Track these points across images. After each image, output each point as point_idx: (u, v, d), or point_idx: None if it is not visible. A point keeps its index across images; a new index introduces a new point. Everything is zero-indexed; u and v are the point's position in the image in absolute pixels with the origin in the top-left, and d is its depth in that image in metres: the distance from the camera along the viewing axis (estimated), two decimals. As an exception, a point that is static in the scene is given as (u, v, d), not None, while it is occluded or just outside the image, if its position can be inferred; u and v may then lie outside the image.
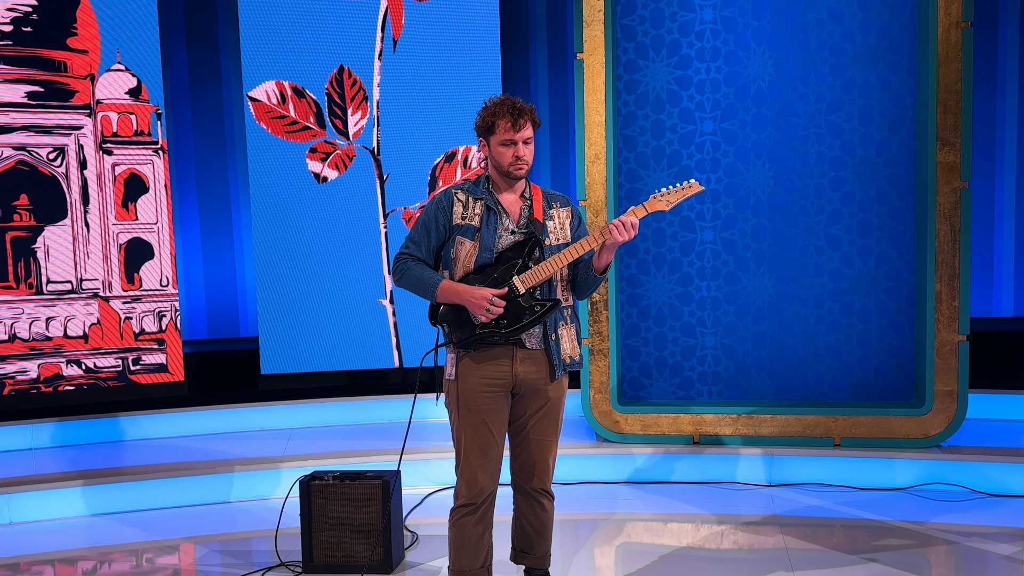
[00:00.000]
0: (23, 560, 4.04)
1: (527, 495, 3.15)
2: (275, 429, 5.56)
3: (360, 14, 5.60)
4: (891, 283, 4.93)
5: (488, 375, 3.00)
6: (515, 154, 2.98)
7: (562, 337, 3.05)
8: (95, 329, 5.39)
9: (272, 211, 5.60)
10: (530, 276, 2.94)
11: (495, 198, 3.04)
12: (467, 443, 3.03)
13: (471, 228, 3.01)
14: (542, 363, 3.03)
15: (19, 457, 5.06)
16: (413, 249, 3.06)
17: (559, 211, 3.10)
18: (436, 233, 3.05)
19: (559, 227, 3.08)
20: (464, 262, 3.00)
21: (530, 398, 3.05)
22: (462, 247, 3.01)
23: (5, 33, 5.16)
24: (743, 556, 3.88)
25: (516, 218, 3.04)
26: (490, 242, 2.99)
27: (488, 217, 3.01)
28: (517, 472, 3.15)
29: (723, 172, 5.03)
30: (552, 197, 3.12)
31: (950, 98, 4.57)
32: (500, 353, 2.99)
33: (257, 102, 5.55)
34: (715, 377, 5.13)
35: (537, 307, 2.94)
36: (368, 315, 5.70)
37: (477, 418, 3.01)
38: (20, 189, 5.24)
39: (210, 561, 3.99)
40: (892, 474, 4.63)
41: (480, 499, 3.04)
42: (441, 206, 3.05)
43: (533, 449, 3.09)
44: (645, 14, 5.01)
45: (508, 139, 2.97)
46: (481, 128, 3.03)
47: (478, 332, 2.96)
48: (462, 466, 3.06)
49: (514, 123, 2.97)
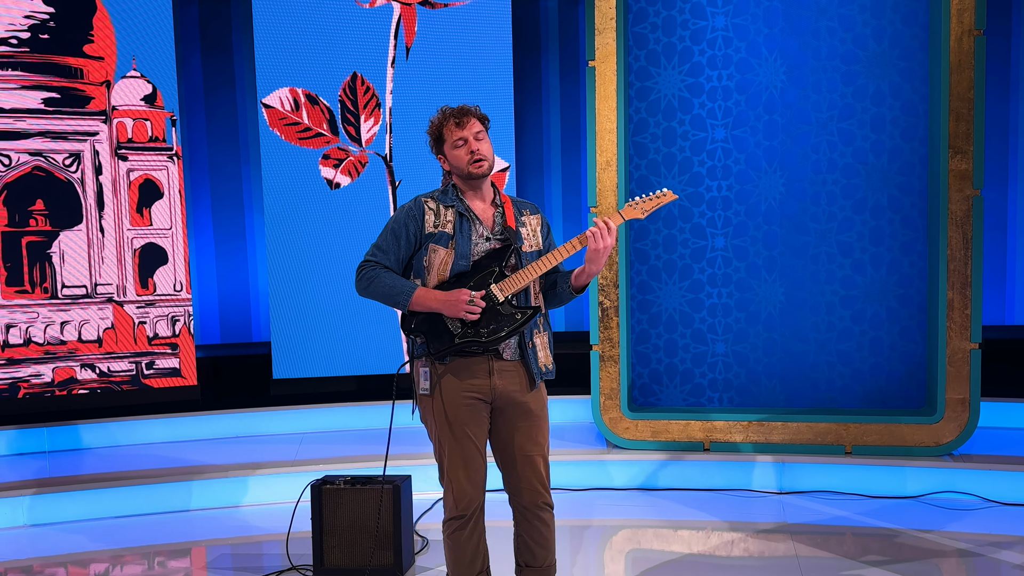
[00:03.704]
0: (36, 562, 4.07)
1: (526, 512, 3.06)
2: (287, 434, 5.58)
3: (373, 22, 5.64)
4: (903, 291, 4.92)
5: (467, 387, 2.92)
6: (469, 149, 2.92)
7: (537, 346, 3.00)
8: (109, 333, 5.43)
9: (285, 217, 5.63)
10: (508, 284, 2.89)
11: (466, 204, 2.98)
12: (450, 456, 2.96)
13: (445, 235, 2.93)
14: (520, 374, 2.97)
15: (33, 460, 5.10)
16: (381, 257, 2.96)
17: (530, 218, 3.05)
18: (406, 241, 2.95)
19: (532, 234, 3.03)
20: (439, 270, 2.93)
21: (511, 413, 2.98)
22: (436, 255, 2.93)
23: (23, 40, 5.21)
24: (753, 564, 3.88)
25: (490, 225, 2.99)
26: (466, 249, 2.93)
27: (461, 224, 2.95)
28: (513, 491, 3.06)
29: (734, 179, 5.04)
30: (522, 205, 3.08)
31: (963, 106, 4.56)
32: (478, 365, 2.92)
33: (271, 109, 5.59)
34: (726, 384, 5.13)
35: (518, 315, 2.89)
36: (379, 320, 5.72)
37: (459, 431, 2.93)
38: (36, 194, 5.29)
39: (221, 564, 4.01)
40: (903, 482, 4.61)
41: (469, 510, 2.98)
42: (412, 214, 2.96)
43: (527, 467, 3.00)
44: (657, 22, 5.02)
45: (459, 138, 2.93)
46: (433, 144, 3.00)
47: (457, 342, 2.88)
48: (447, 479, 2.98)
49: (458, 122, 2.93)
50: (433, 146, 3.02)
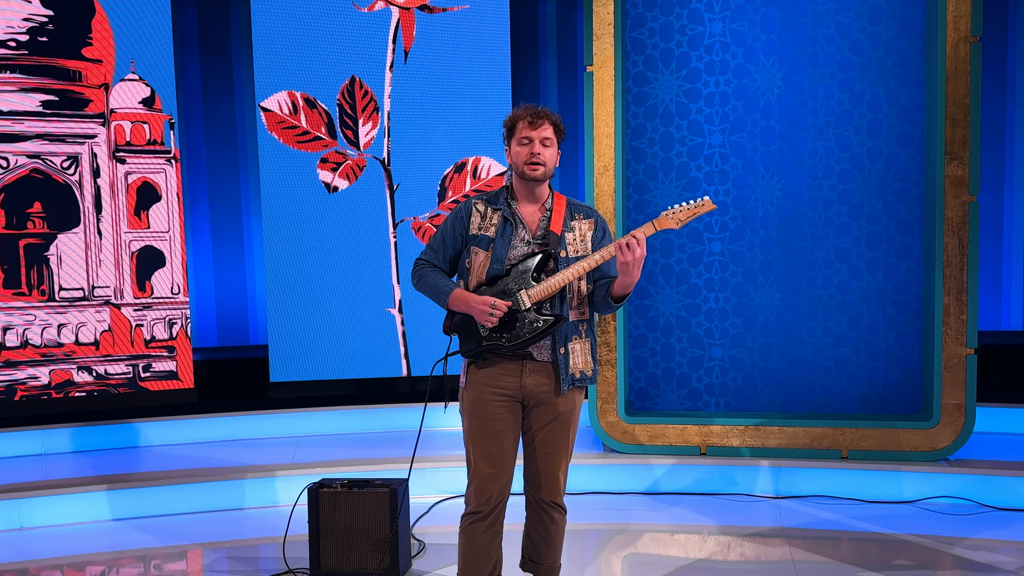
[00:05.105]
0: (32, 565, 4.06)
1: (536, 506, 3.17)
2: (284, 437, 5.59)
3: (372, 26, 5.65)
4: (899, 296, 4.94)
5: (497, 385, 3.01)
6: (531, 151, 2.96)
7: (573, 351, 3.02)
8: (106, 336, 5.43)
9: (283, 220, 5.64)
10: (537, 291, 2.93)
11: (512, 209, 3.03)
12: (475, 451, 3.06)
13: (486, 239, 3.01)
14: (551, 375, 3.02)
15: (30, 463, 5.10)
16: (431, 256, 3.10)
17: (581, 223, 3.06)
18: (452, 242, 3.08)
19: (579, 239, 3.04)
20: (477, 273, 3.01)
21: (539, 410, 3.05)
22: (476, 257, 3.02)
23: (21, 43, 5.22)
24: (749, 568, 3.88)
25: (533, 229, 3.03)
26: (502, 253, 2.98)
27: (504, 228, 3.01)
28: (527, 483, 3.17)
29: (731, 184, 5.05)
30: (576, 208, 3.09)
31: (959, 112, 4.58)
32: (511, 365, 3.00)
33: (269, 112, 5.60)
34: (723, 388, 5.14)
35: (539, 323, 2.94)
36: (377, 324, 5.73)
37: (486, 427, 3.02)
38: (34, 197, 5.29)
39: (218, 567, 4.01)
40: (899, 487, 4.62)
41: (489, 507, 3.06)
42: (459, 216, 3.07)
43: (540, 461, 3.10)
44: (655, 27, 5.04)
45: (526, 136, 2.98)
46: (505, 134, 3.06)
47: (484, 344, 2.98)
48: (472, 473, 3.09)
49: (532, 121, 2.98)
50: (505, 137, 3.08)
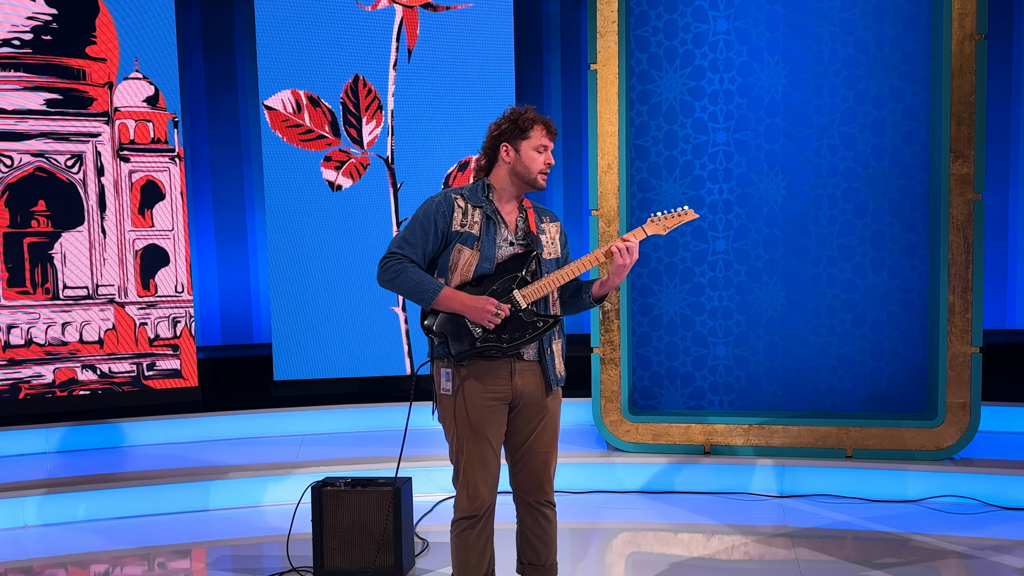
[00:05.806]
0: (36, 563, 4.07)
1: (530, 507, 3.11)
2: (287, 435, 5.59)
3: (375, 24, 5.65)
4: (904, 295, 4.93)
5: (489, 391, 2.95)
6: (547, 161, 2.94)
7: (556, 352, 3.03)
8: (110, 334, 5.44)
9: (286, 219, 5.64)
10: (531, 291, 2.91)
11: (495, 207, 2.98)
12: (468, 457, 2.97)
13: (471, 236, 2.93)
14: (537, 374, 2.99)
15: (34, 461, 5.11)
16: (408, 250, 2.91)
17: (549, 226, 3.07)
18: (434, 237, 2.92)
19: (551, 241, 3.05)
20: (463, 271, 2.92)
21: (529, 412, 3.01)
22: (461, 255, 2.92)
23: (25, 41, 5.22)
24: (753, 567, 3.88)
25: (513, 229, 3.00)
26: (490, 252, 2.93)
27: (488, 226, 2.95)
28: (519, 486, 3.10)
29: (736, 182, 5.04)
30: (542, 212, 3.09)
31: (964, 110, 4.57)
32: (499, 366, 2.94)
33: (273, 111, 5.60)
34: (727, 387, 5.13)
35: (540, 323, 2.92)
36: (380, 322, 5.73)
37: (480, 433, 2.95)
38: (38, 195, 5.29)
39: (222, 566, 4.02)
40: (904, 486, 4.61)
41: (482, 511, 3.01)
42: (441, 210, 2.93)
43: (536, 463, 3.06)
44: (659, 25, 5.03)
45: (543, 144, 2.94)
46: (512, 131, 2.94)
47: (478, 345, 2.89)
48: (463, 479, 3.00)
49: (549, 130, 2.95)
50: (505, 132, 2.95)
